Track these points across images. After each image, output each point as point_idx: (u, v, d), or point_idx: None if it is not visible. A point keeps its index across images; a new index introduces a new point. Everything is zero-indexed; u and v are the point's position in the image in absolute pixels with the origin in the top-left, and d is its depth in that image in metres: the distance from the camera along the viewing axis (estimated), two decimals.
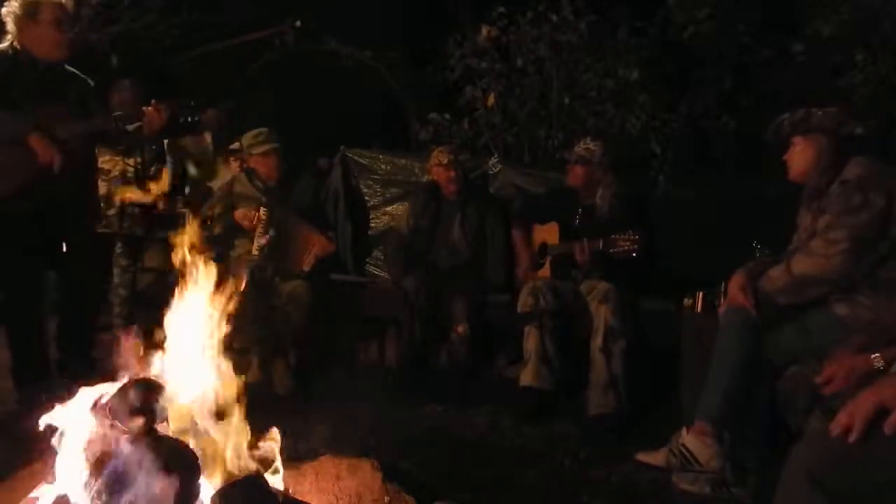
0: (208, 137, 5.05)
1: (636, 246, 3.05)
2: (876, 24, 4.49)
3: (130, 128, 2.95)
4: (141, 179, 4.35)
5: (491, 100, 5.46)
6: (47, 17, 2.69)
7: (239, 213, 3.65)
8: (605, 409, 3.00)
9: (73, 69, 2.92)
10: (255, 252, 3.60)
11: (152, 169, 4.42)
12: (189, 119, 3.08)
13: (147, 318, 1.75)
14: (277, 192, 3.71)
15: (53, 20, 2.70)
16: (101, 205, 3.84)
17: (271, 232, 3.55)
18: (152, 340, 1.68)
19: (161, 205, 4.22)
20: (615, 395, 3.01)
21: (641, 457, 2.50)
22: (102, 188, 3.86)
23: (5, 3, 2.71)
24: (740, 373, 2.28)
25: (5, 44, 2.76)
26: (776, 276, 2.33)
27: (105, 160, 3.99)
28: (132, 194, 4.08)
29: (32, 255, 2.88)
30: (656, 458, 2.45)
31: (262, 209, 3.59)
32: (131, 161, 4.28)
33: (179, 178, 4.51)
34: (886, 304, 2.08)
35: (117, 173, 4.15)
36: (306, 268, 3.58)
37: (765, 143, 2.48)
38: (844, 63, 4.61)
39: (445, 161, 3.90)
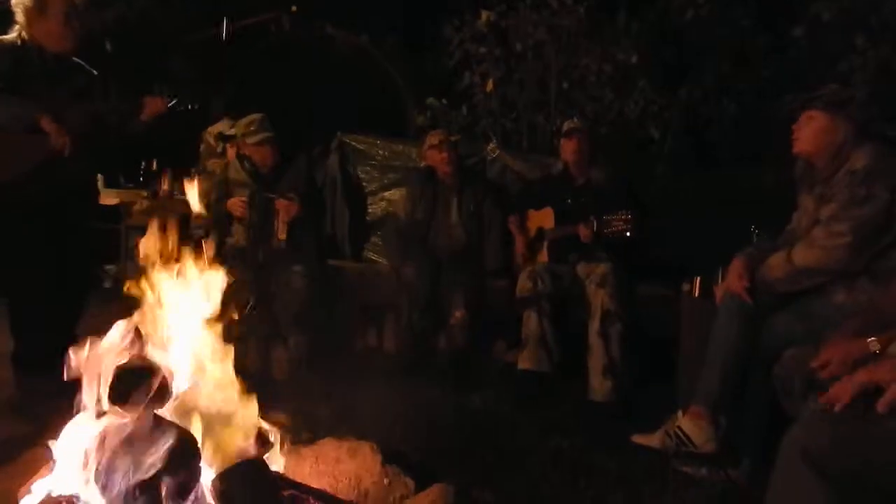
0: None
1: (629, 226, 3.06)
2: (876, 8, 4.47)
3: None
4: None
5: (490, 85, 5.43)
6: (55, 11, 2.71)
7: (230, 203, 3.66)
8: (605, 395, 3.03)
9: (79, 60, 2.94)
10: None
11: (143, 164, 4.42)
12: (189, 107, 3.08)
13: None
14: (267, 179, 3.70)
15: (62, 14, 2.72)
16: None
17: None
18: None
19: None
20: (613, 379, 3.03)
21: (637, 439, 2.54)
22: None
23: None
24: (737, 358, 2.31)
25: (13, 34, 2.76)
26: (776, 264, 2.32)
27: None
28: None
29: (37, 242, 2.87)
30: (652, 440, 2.49)
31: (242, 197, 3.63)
32: None
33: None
34: (882, 289, 2.08)
35: None
36: (281, 237, 3.61)
37: (768, 126, 2.44)
38: (844, 47, 4.59)
39: (437, 142, 3.87)
